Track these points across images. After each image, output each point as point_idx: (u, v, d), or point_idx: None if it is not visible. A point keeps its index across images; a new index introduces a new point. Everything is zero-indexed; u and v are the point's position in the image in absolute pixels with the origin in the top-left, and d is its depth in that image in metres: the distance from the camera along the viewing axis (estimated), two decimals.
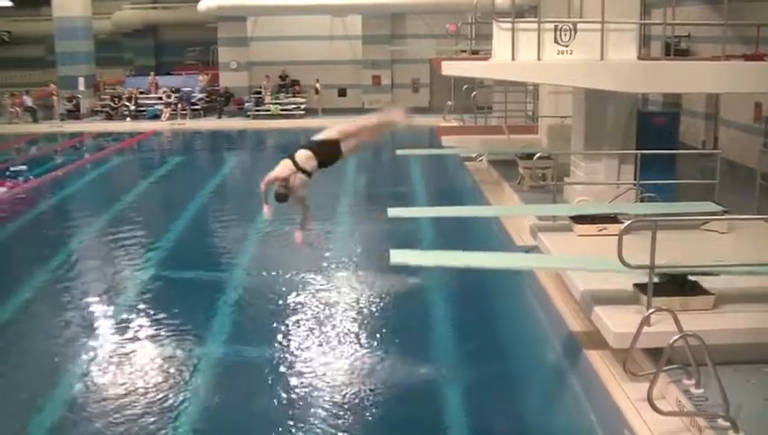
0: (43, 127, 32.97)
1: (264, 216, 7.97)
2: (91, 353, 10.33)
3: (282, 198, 7.62)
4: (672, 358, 7.28)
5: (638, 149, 13.30)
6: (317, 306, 11.77)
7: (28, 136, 31.68)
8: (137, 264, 14.40)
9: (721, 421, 6.60)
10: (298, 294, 12.29)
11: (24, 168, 22.46)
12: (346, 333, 10.70)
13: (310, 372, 9.52)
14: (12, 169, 22.33)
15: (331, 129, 7.79)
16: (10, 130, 32.15)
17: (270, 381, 9.31)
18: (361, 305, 11.68)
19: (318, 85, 35.14)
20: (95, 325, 11.37)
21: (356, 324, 10.99)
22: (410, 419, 8.43)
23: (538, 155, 14.86)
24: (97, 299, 12.47)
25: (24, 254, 15.64)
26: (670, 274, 8.29)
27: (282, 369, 9.65)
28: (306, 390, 9.06)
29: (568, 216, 11.92)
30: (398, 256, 9.31)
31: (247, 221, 17.48)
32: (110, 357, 10.20)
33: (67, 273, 14.08)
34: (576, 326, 9.33)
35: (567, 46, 11.90)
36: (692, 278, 8.49)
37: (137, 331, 11.03)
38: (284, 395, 8.94)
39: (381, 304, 11.58)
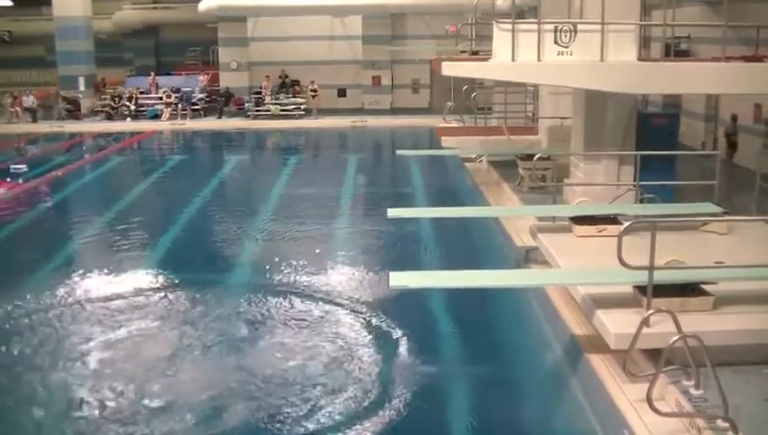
0: (43, 127, 32.99)
1: None
2: (86, 356, 10.29)
3: None
4: (671, 359, 7.29)
5: (637, 150, 13.31)
6: (316, 307, 11.76)
7: (28, 136, 31.71)
8: (136, 263, 14.41)
9: (720, 422, 6.61)
10: (298, 295, 12.28)
11: (24, 168, 22.47)
12: (345, 335, 10.68)
13: (310, 372, 9.54)
14: (12, 168, 22.34)
15: None
16: (9, 130, 32.18)
17: (271, 382, 9.30)
18: (361, 307, 11.66)
19: (313, 86, 35.09)
20: (92, 326, 11.32)
21: (355, 326, 10.97)
22: (411, 420, 8.43)
23: (538, 156, 14.87)
24: (95, 299, 12.43)
25: (23, 253, 15.63)
26: (668, 282, 8.28)
27: (282, 370, 9.65)
28: (307, 389, 9.06)
29: (567, 216, 11.93)
30: (398, 279, 9.21)
31: (247, 221, 17.53)
32: (108, 358, 10.20)
33: (66, 272, 14.06)
34: (576, 328, 9.33)
35: (567, 47, 11.91)
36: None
37: (136, 331, 11.01)
38: (286, 396, 8.93)
39: (381, 305, 11.57)
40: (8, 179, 21.20)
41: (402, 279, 9.24)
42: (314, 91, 34.98)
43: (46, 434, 8.48)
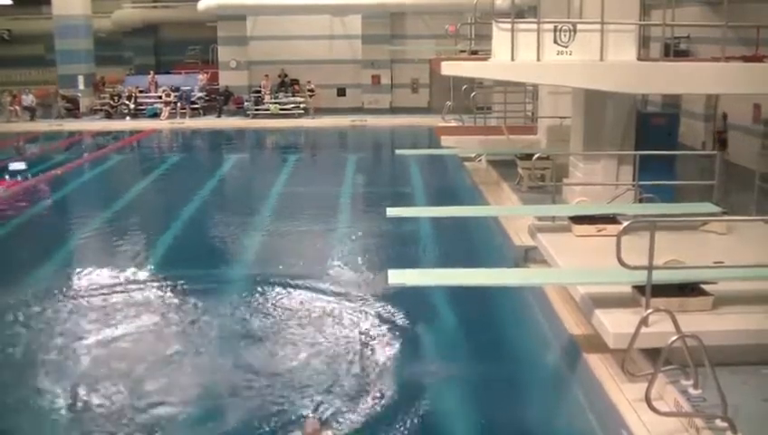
0: (43, 126, 32.96)
1: None
2: (87, 353, 10.33)
3: None
4: (670, 359, 7.29)
5: (637, 150, 13.30)
6: (317, 306, 11.77)
7: (27, 135, 31.71)
8: (136, 261, 14.40)
9: (719, 422, 6.61)
10: (299, 294, 12.28)
11: (23, 166, 22.42)
12: (345, 334, 10.69)
13: (308, 368, 9.54)
14: (11, 167, 22.29)
15: None
16: (8, 129, 32.15)
17: (275, 382, 9.31)
18: (360, 307, 11.67)
19: (310, 86, 35.12)
20: (92, 324, 11.35)
21: (355, 326, 10.98)
22: (410, 419, 8.43)
23: (537, 155, 14.85)
24: (95, 297, 12.44)
25: (23, 252, 15.64)
26: (667, 282, 8.28)
27: (285, 369, 9.65)
28: (310, 388, 9.07)
29: (567, 216, 11.94)
30: (397, 277, 9.21)
31: (247, 219, 17.52)
32: (107, 356, 10.22)
33: (65, 270, 14.09)
34: (575, 327, 9.34)
35: (566, 47, 11.89)
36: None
37: (135, 329, 11.03)
38: (289, 396, 8.94)
39: (381, 304, 11.57)
40: (7, 177, 21.17)
41: (400, 277, 9.24)
42: (311, 90, 35.03)
43: (48, 431, 8.50)
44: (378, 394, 8.88)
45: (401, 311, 11.19)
